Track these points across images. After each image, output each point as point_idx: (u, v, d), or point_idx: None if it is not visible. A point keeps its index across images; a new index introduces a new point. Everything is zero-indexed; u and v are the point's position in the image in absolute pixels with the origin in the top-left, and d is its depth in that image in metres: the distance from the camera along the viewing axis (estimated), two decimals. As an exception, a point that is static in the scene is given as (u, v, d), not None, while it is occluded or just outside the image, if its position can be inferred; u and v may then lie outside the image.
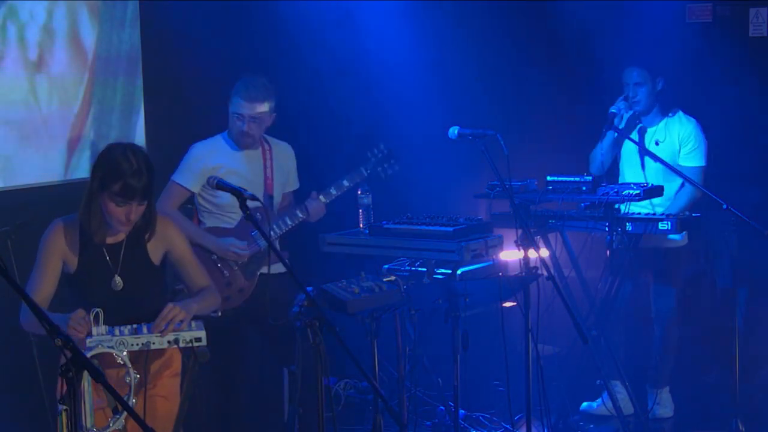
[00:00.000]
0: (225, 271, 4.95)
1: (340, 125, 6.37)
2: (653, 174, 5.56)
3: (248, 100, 4.92)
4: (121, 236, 3.87)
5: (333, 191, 5.15)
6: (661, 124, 5.61)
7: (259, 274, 4.97)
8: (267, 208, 5.00)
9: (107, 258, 3.85)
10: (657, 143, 5.58)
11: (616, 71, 5.75)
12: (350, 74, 6.40)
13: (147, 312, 3.75)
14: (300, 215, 5.09)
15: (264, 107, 4.95)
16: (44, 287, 3.81)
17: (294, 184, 5.29)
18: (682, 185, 5.54)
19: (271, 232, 5.01)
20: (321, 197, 5.13)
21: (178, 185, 4.99)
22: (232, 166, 4.96)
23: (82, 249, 3.83)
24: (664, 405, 5.72)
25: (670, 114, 5.60)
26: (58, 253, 3.83)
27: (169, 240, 3.96)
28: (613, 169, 5.78)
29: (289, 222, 5.08)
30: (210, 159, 4.98)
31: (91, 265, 3.84)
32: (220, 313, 4.95)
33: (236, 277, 4.96)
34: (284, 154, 5.21)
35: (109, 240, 3.86)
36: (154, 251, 3.93)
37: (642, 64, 5.54)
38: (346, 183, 5.16)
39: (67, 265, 3.84)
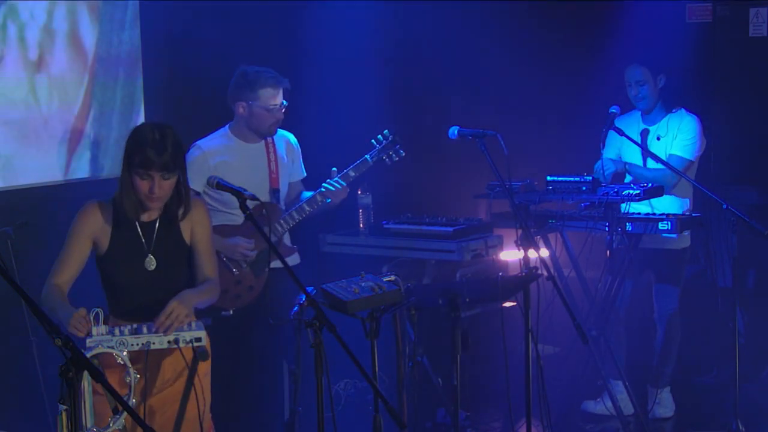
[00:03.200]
0: (234, 269, 4.93)
1: (339, 125, 6.36)
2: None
3: (277, 87, 4.92)
4: (155, 214, 3.87)
5: (339, 181, 5.11)
6: (663, 120, 5.60)
7: (267, 270, 4.95)
8: (272, 203, 4.99)
9: (141, 237, 3.85)
10: (658, 138, 5.58)
11: (616, 71, 5.75)
12: (350, 74, 6.39)
13: (177, 293, 3.76)
14: (319, 198, 5.04)
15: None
16: (69, 268, 3.81)
17: (300, 173, 5.24)
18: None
19: (286, 221, 4.99)
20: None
21: None
22: (235, 163, 4.95)
23: (115, 228, 3.83)
24: (664, 405, 5.72)
25: (673, 110, 5.59)
26: (87, 233, 3.82)
27: (194, 220, 3.95)
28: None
29: (306, 208, 5.02)
30: (212, 156, 4.96)
31: (124, 243, 3.84)
32: (231, 312, 4.95)
33: (245, 274, 4.95)
34: (287, 144, 5.16)
35: (143, 218, 3.86)
36: (186, 230, 3.94)
37: (643, 62, 5.55)
38: (351, 173, 5.09)
39: (98, 245, 3.84)
